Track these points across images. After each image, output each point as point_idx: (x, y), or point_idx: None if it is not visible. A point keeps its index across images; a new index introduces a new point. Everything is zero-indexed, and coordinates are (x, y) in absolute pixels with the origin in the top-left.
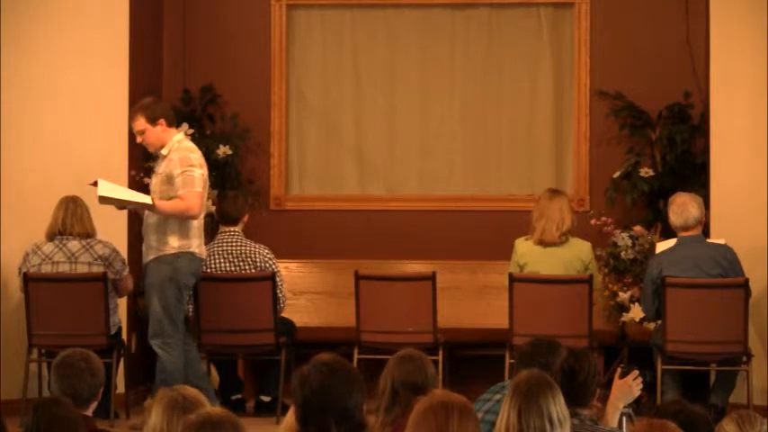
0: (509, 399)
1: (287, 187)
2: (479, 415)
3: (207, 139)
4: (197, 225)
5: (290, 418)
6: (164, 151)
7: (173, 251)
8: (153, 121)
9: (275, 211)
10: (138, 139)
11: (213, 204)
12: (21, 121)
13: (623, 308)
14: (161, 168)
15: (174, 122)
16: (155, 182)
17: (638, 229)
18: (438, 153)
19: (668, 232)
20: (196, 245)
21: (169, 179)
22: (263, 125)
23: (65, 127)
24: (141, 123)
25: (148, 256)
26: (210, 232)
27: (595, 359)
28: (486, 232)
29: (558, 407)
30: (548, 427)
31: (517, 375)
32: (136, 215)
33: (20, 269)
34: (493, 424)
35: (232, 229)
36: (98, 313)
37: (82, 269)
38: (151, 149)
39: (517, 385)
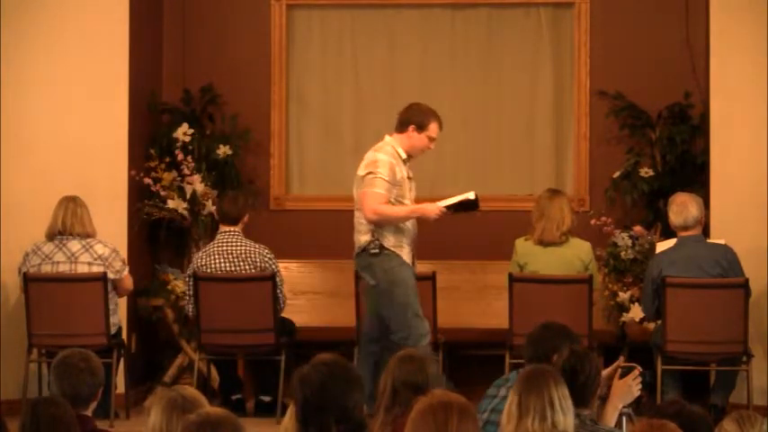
0: (513, 388)
1: (287, 187)
2: (485, 414)
3: (207, 139)
4: None
5: (288, 418)
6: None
7: None
8: None
9: (275, 211)
10: (432, 146)
11: (213, 204)
12: (21, 121)
13: (623, 308)
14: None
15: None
16: (410, 187)
17: (638, 229)
18: (438, 153)
19: (668, 232)
20: None
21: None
22: (263, 125)
23: (64, 127)
24: None
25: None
26: (210, 232)
27: (597, 360)
28: (486, 232)
29: (559, 393)
30: (548, 410)
31: (523, 369)
32: (136, 214)
33: (20, 269)
34: (499, 425)
35: (232, 228)
36: (98, 313)
37: (82, 269)
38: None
39: (520, 374)
